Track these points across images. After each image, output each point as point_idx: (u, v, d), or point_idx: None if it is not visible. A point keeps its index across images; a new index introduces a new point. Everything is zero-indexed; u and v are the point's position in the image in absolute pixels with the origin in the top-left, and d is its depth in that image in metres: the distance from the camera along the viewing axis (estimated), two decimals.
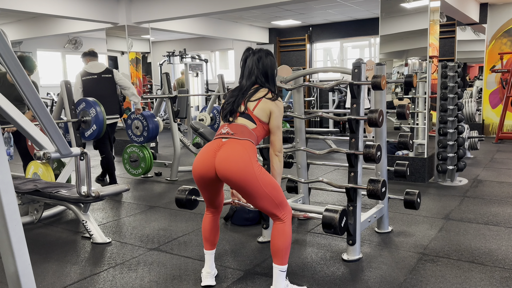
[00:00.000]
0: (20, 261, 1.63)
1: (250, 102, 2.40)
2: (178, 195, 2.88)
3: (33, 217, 3.80)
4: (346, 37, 10.98)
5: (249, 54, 2.51)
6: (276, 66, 2.55)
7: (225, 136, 2.34)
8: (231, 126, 2.38)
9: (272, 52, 11.97)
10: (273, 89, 2.49)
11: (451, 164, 5.11)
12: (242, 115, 2.40)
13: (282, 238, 2.32)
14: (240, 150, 2.27)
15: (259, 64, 2.47)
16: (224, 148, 2.30)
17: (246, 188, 2.26)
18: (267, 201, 2.29)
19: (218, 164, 2.27)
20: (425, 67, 5.22)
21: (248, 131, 2.35)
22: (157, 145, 7.12)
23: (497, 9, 8.61)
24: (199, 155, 2.37)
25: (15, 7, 6.41)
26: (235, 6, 6.76)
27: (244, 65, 2.52)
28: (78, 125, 4.40)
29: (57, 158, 2.34)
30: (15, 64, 1.65)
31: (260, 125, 2.40)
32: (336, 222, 2.45)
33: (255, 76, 2.46)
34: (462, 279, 2.61)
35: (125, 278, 2.74)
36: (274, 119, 2.41)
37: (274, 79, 2.52)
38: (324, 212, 2.42)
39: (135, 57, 8.17)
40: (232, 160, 2.25)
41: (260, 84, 2.47)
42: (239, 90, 2.48)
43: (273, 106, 2.40)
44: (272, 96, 2.42)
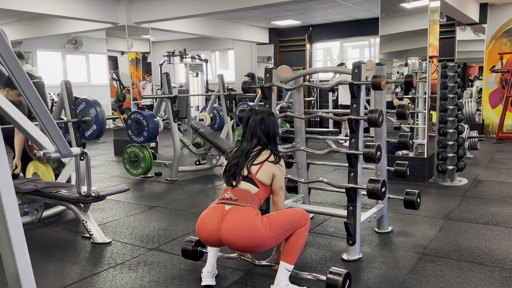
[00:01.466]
0: (20, 261, 1.63)
1: (253, 166, 2.45)
2: (184, 246, 2.85)
3: (33, 217, 3.80)
4: (346, 37, 10.98)
5: (251, 115, 2.59)
6: (278, 126, 2.63)
7: (228, 202, 2.39)
8: (234, 191, 2.41)
9: (272, 53, 12.00)
10: (275, 150, 2.55)
11: (451, 164, 5.11)
12: (245, 179, 2.44)
13: (299, 238, 2.39)
14: (244, 219, 2.31)
15: (261, 126, 2.54)
16: (228, 218, 2.34)
17: (260, 249, 2.34)
18: (285, 235, 2.39)
19: (224, 235, 2.33)
20: (425, 67, 5.22)
21: (251, 196, 2.40)
22: (157, 145, 7.11)
23: (497, 9, 8.61)
24: (203, 222, 2.41)
25: (15, 7, 6.41)
26: (235, 6, 6.76)
27: (246, 125, 2.59)
28: (78, 125, 4.40)
29: (57, 158, 2.34)
30: (15, 64, 1.65)
31: (263, 188, 2.46)
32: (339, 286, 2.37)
33: (257, 138, 2.52)
34: (462, 279, 2.61)
35: (125, 278, 2.74)
36: (277, 181, 2.47)
37: (276, 140, 2.59)
38: (328, 275, 2.40)
39: (135, 57, 8.17)
40: (238, 231, 2.29)
41: (263, 145, 2.53)
42: (241, 151, 2.52)
43: (276, 169, 2.46)
44: (274, 159, 2.47)
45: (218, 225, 2.34)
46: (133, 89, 8.02)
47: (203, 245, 2.87)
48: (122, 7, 7.66)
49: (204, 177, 5.81)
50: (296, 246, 2.38)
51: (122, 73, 8.04)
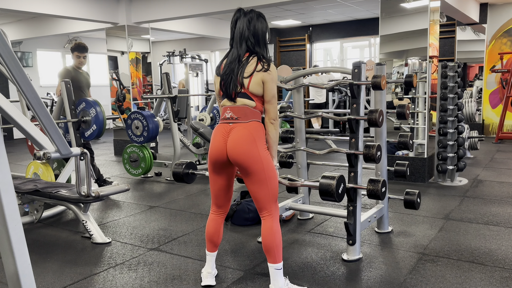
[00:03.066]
0: (20, 261, 1.62)
1: (244, 79, 2.34)
2: (175, 169, 2.92)
3: (33, 217, 3.80)
4: (346, 37, 10.98)
5: (239, 16, 2.42)
6: (268, 29, 2.44)
7: (230, 121, 2.38)
8: (233, 109, 2.38)
9: (272, 53, 11.97)
10: (264, 54, 2.39)
11: (451, 164, 5.11)
12: (240, 94, 2.37)
13: (271, 236, 2.37)
14: (246, 135, 2.32)
15: (250, 26, 2.37)
16: (232, 134, 2.35)
17: (250, 168, 2.32)
18: (265, 189, 2.35)
19: (229, 150, 2.34)
20: (425, 67, 5.22)
21: (250, 111, 2.36)
22: (157, 145, 7.11)
23: (497, 9, 8.61)
24: (213, 142, 2.41)
25: (15, 7, 6.41)
26: (235, 6, 6.75)
27: (234, 27, 2.43)
28: (78, 125, 4.40)
29: (57, 158, 2.34)
30: (15, 64, 1.65)
31: (258, 99, 2.39)
32: (333, 189, 2.43)
33: (246, 40, 2.37)
34: (462, 279, 2.61)
35: (125, 278, 2.74)
36: (268, 89, 2.35)
37: (265, 43, 2.42)
38: (321, 180, 2.41)
39: (135, 57, 8.17)
40: (240, 145, 2.31)
41: (251, 48, 2.37)
42: (231, 62, 2.39)
43: (265, 76, 2.33)
44: (262, 67, 2.33)
45: (225, 141, 2.35)
46: (133, 89, 8.02)
47: (194, 168, 2.92)
48: (122, 7, 7.66)
49: (204, 177, 5.81)
50: (273, 244, 2.36)
51: (122, 73, 8.04)
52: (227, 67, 2.40)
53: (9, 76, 1.80)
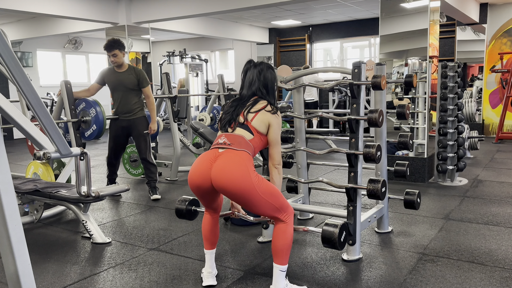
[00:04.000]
0: (20, 261, 1.62)
1: (249, 113, 2.41)
2: (178, 206, 2.83)
3: (33, 217, 3.80)
4: (346, 37, 10.98)
5: (250, 66, 2.54)
6: (277, 80, 2.57)
7: (221, 146, 2.34)
8: (228, 136, 2.37)
9: (272, 53, 11.99)
10: (272, 101, 2.50)
11: (451, 164, 5.11)
12: (240, 125, 2.40)
13: (283, 238, 2.33)
14: (236, 161, 2.26)
15: (260, 76, 2.49)
16: (220, 158, 2.28)
17: (244, 197, 2.25)
18: (267, 207, 2.29)
19: (214, 175, 2.26)
20: (425, 67, 5.22)
21: (245, 141, 2.35)
22: (157, 145, 7.11)
23: (497, 9, 8.61)
24: (195, 165, 2.36)
25: (15, 7, 6.41)
26: (235, 6, 6.76)
27: (244, 76, 2.54)
28: (78, 125, 4.40)
29: (57, 158, 2.34)
30: (15, 64, 1.65)
31: (258, 136, 2.40)
32: (335, 237, 2.39)
33: (256, 88, 2.48)
34: (462, 279, 2.61)
35: (125, 278, 2.74)
36: (272, 132, 2.42)
37: (274, 92, 2.54)
38: (324, 227, 2.39)
39: (135, 57, 8.17)
40: (229, 171, 2.23)
41: (260, 96, 2.48)
42: (238, 100, 2.50)
43: (272, 118, 2.41)
44: (271, 109, 2.43)
45: (210, 165, 2.28)
46: None
47: (197, 204, 2.84)
48: (122, 7, 7.66)
49: None
50: (284, 246, 2.34)
51: None
52: (232, 103, 2.50)
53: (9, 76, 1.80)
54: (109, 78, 4.51)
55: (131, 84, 4.46)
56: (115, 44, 4.37)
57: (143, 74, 4.56)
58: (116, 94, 4.53)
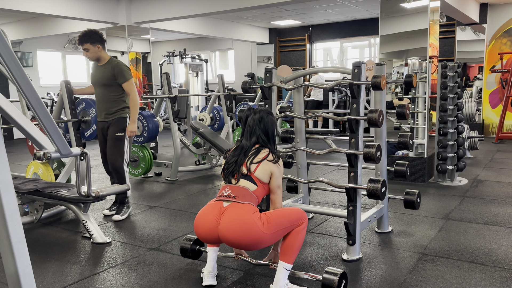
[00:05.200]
0: (20, 261, 1.62)
1: (252, 164, 2.47)
2: (183, 245, 2.86)
3: (33, 217, 3.80)
4: (346, 37, 10.98)
5: (250, 114, 2.61)
6: (276, 125, 2.64)
7: (226, 199, 2.40)
8: (232, 188, 2.43)
9: (272, 53, 11.98)
10: (273, 149, 2.57)
11: (451, 164, 5.11)
12: (244, 177, 2.46)
13: (295, 237, 2.40)
14: (242, 215, 2.32)
15: (261, 124, 2.56)
16: (226, 214, 2.35)
17: (258, 245, 2.35)
18: (282, 234, 2.39)
19: (222, 232, 2.34)
20: (425, 67, 5.22)
21: (249, 193, 2.41)
22: (157, 145, 7.12)
23: (497, 9, 8.61)
24: (201, 219, 2.42)
25: (15, 7, 6.41)
26: (235, 6, 6.76)
27: (245, 124, 2.61)
28: (78, 125, 4.40)
29: (57, 158, 2.34)
30: (15, 64, 1.65)
31: (261, 186, 2.47)
32: (335, 286, 2.36)
33: (256, 136, 2.55)
34: (462, 279, 2.61)
35: (125, 278, 2.74)
36: (274, 180, 2.49)
37: (274, 139, 2.61)
38: (324, 275, 2.40)
39: (135, 57, 8.17)
40: (236, 227, 2.31)
41: (261, 143, 2.55)
42: (240, 149, 2.55)
43: (274, 168, 2.48)
44: (273, 158, 2.49)
45: (216, 222, 2.36)
46: None
47: (201, 244, 2.87)
48: (122, 7, 7.66)
49: (204, 177, 5.81)
50: (294, 245, 2.39)
51: None
52: (235, 152, 2.55)
53: (9, 76, 1.80)
54: (91, 74, 4.09)
55: (105, 79, 3.86)
56: (84, 37, 3.80)
57: (121, 67, 3.91)
58: (96, 91, 4.02)
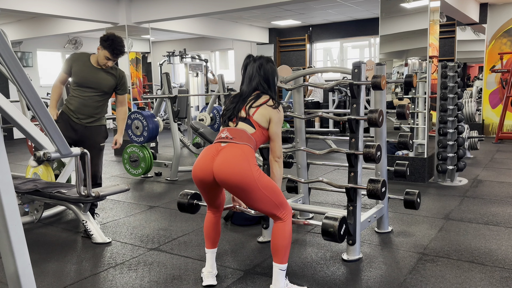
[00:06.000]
0: (20, 261, 1.62)
1: (251, 108, 2.43)
2: (180, 200, 2.88)
3: (33, 217, 3.80)
4: (346, 37, 10.98)
5: (249, 61, 2.54)
6: (277, 73, 2.57)
7: (224, 141, 2.36)
8: (230, 130, 2.40)
9: (272, 53, 11.96)
10: (273, 95, 2.51)
11: (451, 164, 5.11)
12: (243, 120, 2.42)
13: (282, 237, 2.34)
14: (238, 154, 2.29)
15: (260, 71, 2.50)
16: (222, 152, 2.31)
17: (245, 191, 2.27)
18: (266, 203, 2.31)
19: (216, 169, 2.29)
20: (425, 67, 5.22)
21: (247, 135, 2.37)
22: (157, 145, 7.11)
23: (497, 9, 8.61)
24: (198, 160, 2.39)
25: (15, 7, 6.41)
26: (235, 6, 6.75)
27: (244, 72, 2.55)
28: None
29: (57, 158, 2.34)
30: (15, 64, 1.65)
31: (260, 130, 2.42)
32: (335, 230, 2.43)
33: (256, 82, 2.49)
34: (462, 279, 2.61)
35: (125, 278, 2.74)
36: (273, 126, 2.44)
37: (275, 86, 2.54)
38: (324, 220, 2.42)
39: (135, 57, 8.17)
40: (230, 164, 2.26)
41: (262, 90, 2.49)
42: (240, 96, 2.51)
43: (273, 113, 2.43)
44: (273, 104, 2.44)
45: (212, 160, 2.31)
46: (133, 89, 8.02)
47: (199, 198, 2.89)
48: (122, 7, 7.66)
49: None
50: (283, 244, 2.35)
51: None
52: (234, 98, 2.51)
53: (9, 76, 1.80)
54: (82, 70, 3.64)
55: (108, 87, 3.72)
56: (122, 52, 3.71)
57: (125, 78, 3.87)
58: (83, 91, 3.66)
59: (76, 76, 3.67)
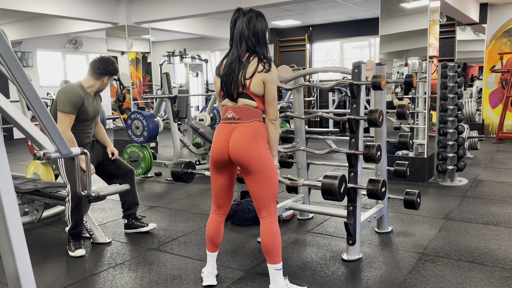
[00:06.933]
0: (20, 261, 1.62)
1: (246, 79, 2.34)
2: (174, 169, 2.93)
3: (33, 217, 3.80)
4: (346, 37, 10.98)
5: (239, 15, 2.42)
6: (267, 28, 2.44)
7: (232, 121, 2.38)
8: (235, 109, 2.38)
9: (272, 53, 11.95)
10: (264, 53, 2.39)
11: (451, 164, 5.11)
12: (241, 95, 2.37)
13: (271, 236, 2.37)
14: (248, 135, 2.33)
15: (250, 25, 2.38)
16: (234, 134, 2.35)
17: (252, 167, 2.32)
18: (266, 188, 2.35)
19: (231, 150, 2.35)
20: (425, 67, 5.22)
21: (252, 110, 2.36)
22: (157, 145, 7.11)
23: (497, 9, 8.61)
24: (215, 141, 2.42)
25: (15, 7, 6.41)
26: (235, 6, 6.72)
27: (233, 27, 2.44)
28: None
29: (57, 158, 2.34)
30: (15, 64, 1.65)
31: (259, 99, 2.38)
32: (335, 188, 2.47)
33: (246, 40, 2.36)
34: (462, 279, 2.61)
35: (125, 278, 2.74)
36: (268, 90, 2.35)
37: (265, 42, 2.41)
38: (323, 179, 2.44)
39: (135, 57, 8.17)
40: (242, 145, 2.32)
41: (252, 48, 2.36)
42: (230, 63, 2.37)
43: (266, 76, 2.32)
44: (263, 67, 2.32)
45: (227, 140, 2.36)
46: (133, 89, 8.02)
47: (193, 167, 2.96)
48: (122, 7, 7.66)
49: (204, 177, 5.80)
50: (272, 244, 2.35)
51: (122, 73, 8.04)
52: (228, 67, 2.39)
53: (9, 76, 1.80)
54: (87, 105, 3.31)
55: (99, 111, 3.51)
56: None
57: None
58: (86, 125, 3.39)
59: (84, 114, 3.28)
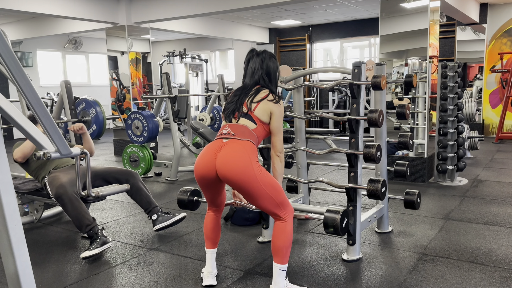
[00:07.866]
0: (20, 261, 1.62)
1: (252, 103, 2.43)
2: (180, 196, 2.89)
3: (33, 217, 3.80)
4: (346, 37, 10.98)
5: (252, 55, 2.56)
6: (278, 69, 2.59)
7: (226, 137, 2.37)
8: (232, 126, 2.40)
9: (273, 52, 11.98)
10: (274, 90, 2.52)
11: (451, 164, 5.11)
12: (244, 115, 2.42)
13: (283, 237, 2.34)
14: (240, 151, 2.29)
15: (263, 65, 2.51)
16: (224, 149, 2.32)
17: (246, 188, 2.28)
18: (267, 201, 2.31)
19: (219, 165, 2.29)
20: (425, 67, 5.22)
21: (249, 131, 2.38)
22: (157, 145, 7.11)
23: (497, 9, 8.61)
24: (201, 156, 2.39)
25: (15, 7, 6.41)
26: (235, 6, 6.75)
27: (247, 65, 2.56)
28: None
29: (57, 158, 2.34)
30: (15, 64, 1.65)
31: (261, 125, 2.42)
32: (337, 223, 2.47)
33: (258, 76, 2.50)
34: (462, 279, 2.61)
35: (125, 278, 2.74)
36: (274, 121, 2.44)
37: (276, 81, 2.56)
38: (326, 213, 2.44)
39: (135, 57, 8.17)
40: (232, 161, 2.27)
41: (263, 84, 2.50)
42: (242, 89, 2.52)
43: (274, 107, 2.43)
44: (273, 98, 2.45)
45: (215, 155, 2.32)
46: (133, 89, 8.02)
47: (199, 195, 2.92)
48: (122, 7, 7.66)
49: None
50: (284, 245, 2.34)
51: (122, 73, 8.04)
52: (236, 92, 2.53)
53: (9, 76, 1.80)
54: None
55: None
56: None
57: None
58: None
59: None
